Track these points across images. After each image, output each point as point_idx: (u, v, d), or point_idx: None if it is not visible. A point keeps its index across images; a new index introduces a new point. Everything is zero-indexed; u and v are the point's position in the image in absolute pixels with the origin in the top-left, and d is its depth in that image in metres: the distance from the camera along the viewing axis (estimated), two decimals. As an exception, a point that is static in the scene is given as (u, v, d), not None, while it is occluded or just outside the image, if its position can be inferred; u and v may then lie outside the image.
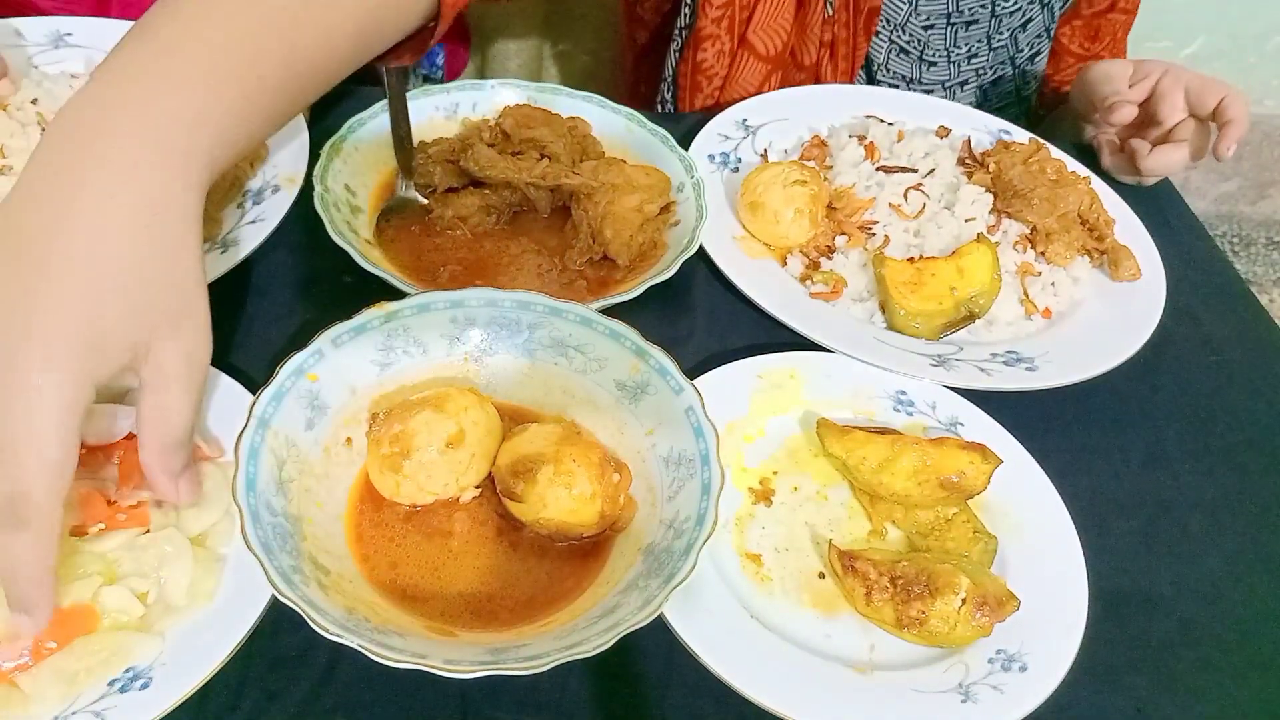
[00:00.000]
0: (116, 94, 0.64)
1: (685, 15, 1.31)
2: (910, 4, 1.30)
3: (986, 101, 1.42)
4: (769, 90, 1.29)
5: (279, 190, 0.96)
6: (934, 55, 1.34)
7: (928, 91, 1.37)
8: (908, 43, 1.33)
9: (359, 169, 1.03)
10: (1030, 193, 1.07)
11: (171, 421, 0.65)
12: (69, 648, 0.65)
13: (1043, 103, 1.49)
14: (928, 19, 1.32)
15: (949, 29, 1.33)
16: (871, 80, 1.37)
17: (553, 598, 0.73)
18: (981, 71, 1.38)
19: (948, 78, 1.37)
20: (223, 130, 0.67)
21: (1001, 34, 1.35)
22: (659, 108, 1.41)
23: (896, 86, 1.37)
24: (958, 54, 1.35)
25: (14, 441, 0.57)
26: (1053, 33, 1.40)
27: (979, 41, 1.35)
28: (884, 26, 1.32)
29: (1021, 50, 1.38)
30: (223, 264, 0.88)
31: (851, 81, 1.34)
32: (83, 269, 0.59)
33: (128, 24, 1.11)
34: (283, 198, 0.95)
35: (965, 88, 1.39)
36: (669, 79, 1.38)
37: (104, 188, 0.61)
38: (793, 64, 1.33)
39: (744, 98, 1.23)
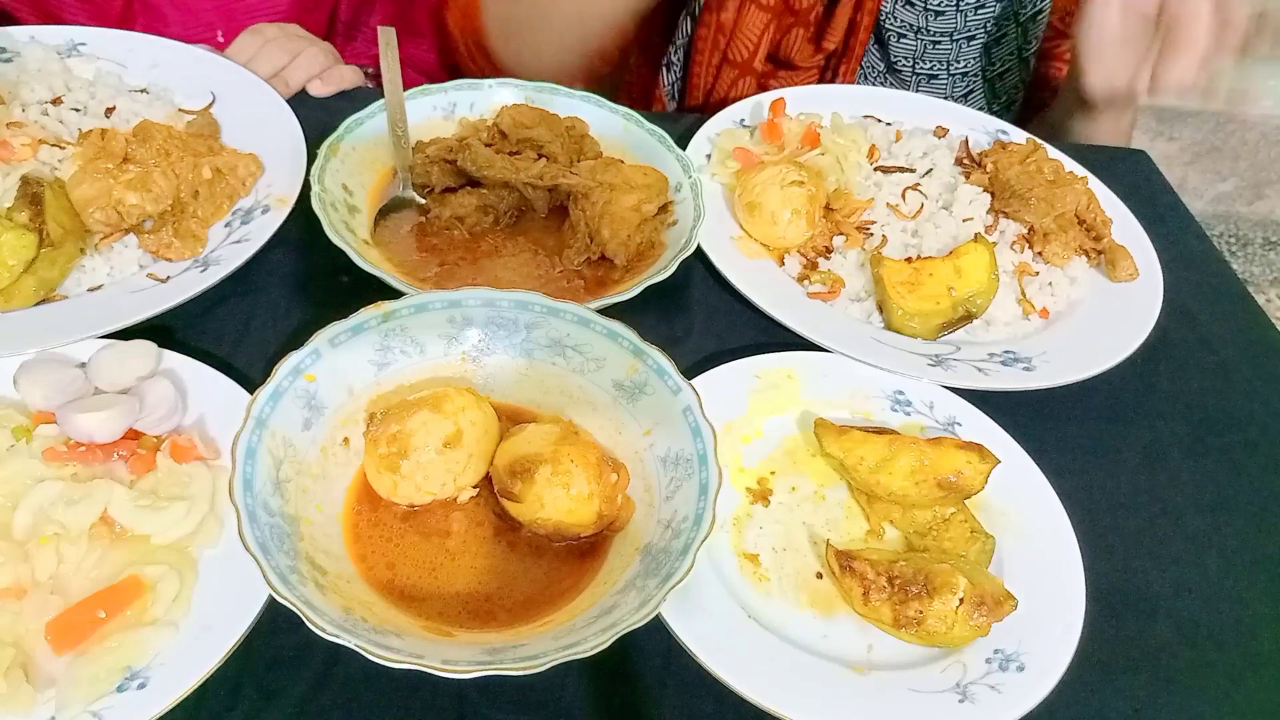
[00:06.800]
0: None
1: None
2: None
3: (990, 61, 1.42)
4: (765, 41, 1.31)
5: (268, 211, 0.97)
6: (941, 4, 1.35)
7: (935, 42, 1.37)
8: None
9: (356, 168, 1.02)
10: (1028, 192, 1.07)
11: None
12: (87, 652, 0.65)
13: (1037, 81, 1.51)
14: None
15: None
16: (879, 30, 1.38)
17: (550, 598, 0.73)
18: (988, 25, 1.38)
19: (955, 28, 1.37)
20: None
21: None
22: (665, 70, 1.42)
23: (904, 36, 1.37)
24: (966, 3, 1.35)
25: None
26: None
27: None
28: None
29: (1025, 7, 1.39)
30: (200, 283, 0.88)
31: (858, 33, 1.35)
32: None
33: (137, 35, 1.12)
34: (271, 218, 0.96)
35: (972, 42, 1.39)
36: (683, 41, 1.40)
37: None
38: (786, 9, 1.35)
39: (746, 49, 1.24)
